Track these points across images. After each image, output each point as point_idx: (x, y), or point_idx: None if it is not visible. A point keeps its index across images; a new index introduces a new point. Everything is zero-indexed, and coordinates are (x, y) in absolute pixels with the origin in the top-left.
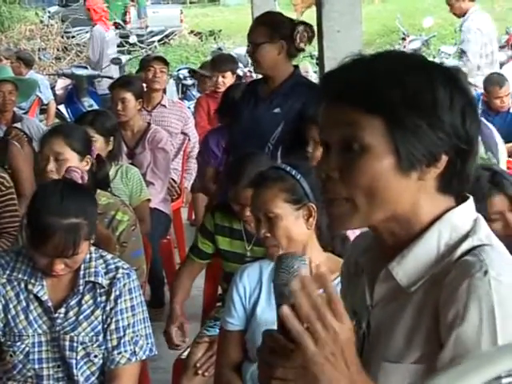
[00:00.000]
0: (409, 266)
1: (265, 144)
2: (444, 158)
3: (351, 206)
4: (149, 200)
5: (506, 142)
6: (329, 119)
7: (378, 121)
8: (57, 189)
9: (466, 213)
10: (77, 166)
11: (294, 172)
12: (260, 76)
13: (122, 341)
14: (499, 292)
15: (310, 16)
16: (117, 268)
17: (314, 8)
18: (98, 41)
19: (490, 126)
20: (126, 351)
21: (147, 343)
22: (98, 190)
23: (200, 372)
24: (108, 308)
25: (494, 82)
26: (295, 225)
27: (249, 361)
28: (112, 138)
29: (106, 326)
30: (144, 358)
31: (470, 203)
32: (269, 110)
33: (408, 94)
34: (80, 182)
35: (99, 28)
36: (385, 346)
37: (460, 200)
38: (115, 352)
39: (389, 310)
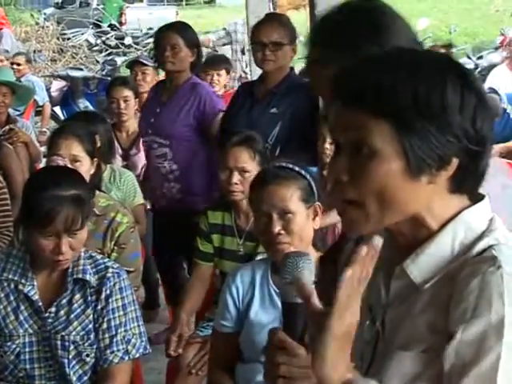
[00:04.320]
0: (423, 264)
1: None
2: (455, 161)
3: (362, 210)
4: (143, 204)
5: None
6: (339, 122)
7: (386, 125)
8: (48, 172)
9: (481, 212)
10: (88, 169)
11: (303, 172)
12: (253, 78)
13: (114, 340)
14: (511, 287)
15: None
16: (106, 267)
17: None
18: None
19: None
20: (118, 350)
21: (141, 341)
22: (97, 192)
23: (194, 371)
24: (99, 307)
25: None
26: (306, 223)
27: (242, 362)
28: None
29: (97, 325)
30: (137, 356)
31: (486, 202)
32: (265, 111)
33: (417, 98)
34: None
35: (8, 30)
36: (398, 338)
37: (475, 199)
38: (108, 351)
39: (403, 307)
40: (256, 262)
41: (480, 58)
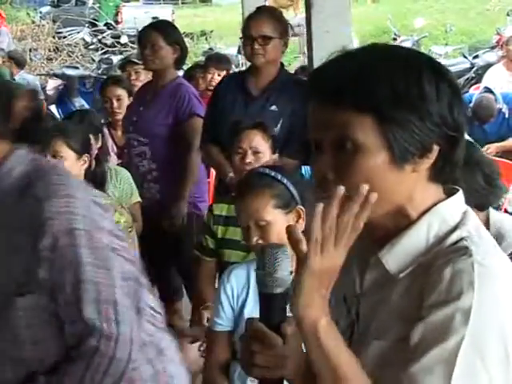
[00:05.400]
0: (398, 255)
1: None
2: (435, 148)
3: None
4: (139, 202)
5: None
6: (319, 120)
7: (368, 119)
8: None
9: (455, 205)
10: (72, 164)
11: (279, 176)
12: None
13: None
14: (481, 275)
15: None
16: None
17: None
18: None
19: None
20: None
21: None
22: (95, 191)
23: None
24: None
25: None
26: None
27: (237, 361)
28: (100, 136)
29: None
30: None
31: (460, 196)
32: (265, 108)
33: (396, 90)
34: None
35: (5, 29)
36: (373, 327)
37: (450, 192)
38: None
39: (378, 297)
40: (251, 261)
41: (476, 57)
